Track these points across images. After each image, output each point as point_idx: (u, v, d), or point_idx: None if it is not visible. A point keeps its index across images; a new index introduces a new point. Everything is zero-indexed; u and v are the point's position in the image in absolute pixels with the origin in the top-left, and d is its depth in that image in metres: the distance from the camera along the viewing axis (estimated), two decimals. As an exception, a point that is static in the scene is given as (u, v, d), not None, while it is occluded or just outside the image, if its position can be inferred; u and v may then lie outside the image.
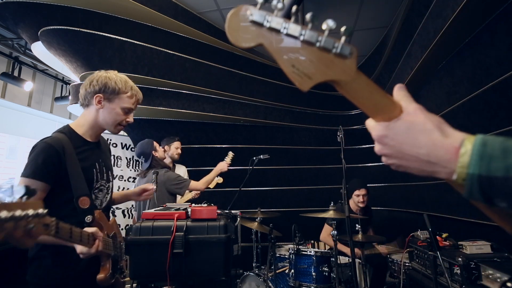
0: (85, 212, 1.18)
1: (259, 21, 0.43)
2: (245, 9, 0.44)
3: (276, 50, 0.44)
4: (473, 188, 0.41)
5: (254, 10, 0.43)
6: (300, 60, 0.44)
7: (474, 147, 0.41)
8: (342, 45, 0.44)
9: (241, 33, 0.44)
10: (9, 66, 5.93)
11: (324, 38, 0.43)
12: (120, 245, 1.36)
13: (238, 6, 0.44)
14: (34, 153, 1.15)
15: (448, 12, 1.88)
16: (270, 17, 0.43)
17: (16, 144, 7.78)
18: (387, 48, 3.32)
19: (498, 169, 0.38)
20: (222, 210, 1.60)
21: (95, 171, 1.29)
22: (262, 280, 2.43)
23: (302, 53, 0.44)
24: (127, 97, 1.31)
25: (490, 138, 0.41)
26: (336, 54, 0.44)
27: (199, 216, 1.34)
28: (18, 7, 3.04)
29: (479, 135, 0.42)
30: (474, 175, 0.40)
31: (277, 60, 0.45)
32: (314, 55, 0.44)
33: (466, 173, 0.41)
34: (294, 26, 0.43)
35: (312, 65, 0.44)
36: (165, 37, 3.36)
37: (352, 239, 2.02)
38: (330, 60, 0.44)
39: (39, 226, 0.74)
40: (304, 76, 0.44)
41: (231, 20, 0.44)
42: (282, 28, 0.43)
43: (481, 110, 2.09)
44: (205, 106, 3.68)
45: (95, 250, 1.10)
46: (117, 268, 1.30)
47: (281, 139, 4.20)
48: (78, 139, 1.27)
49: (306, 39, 0.43)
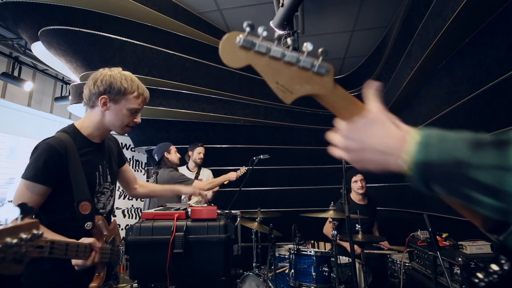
0: (85, 218, 1.13)
1: (247, 46, 0.51)
2: (235, 35, 0.51)
3: (262, 69, 0.51)
4: (415, 174, 0.45)
5: (242, 37, 0.50)
6: (283, 77, 0.51)
7: (417, 136, 0.45)
8: (319, 64, 0.51)
9: (232, 56, 0.51)
10: (9, 66, 5.93)
11: (303, 59, 0.51)
12: (118, 249, 1.32)
13: (230, 33, 0.51)
14: (36, 154, 1.11)
15: (448, 12, 1.88)
16: (257, 42, 0.50)
17: (16, 144, 7.79)
18: (387, 48, 3.31)
19: (434, 154, 0.43)
20: (222, 210, 1.60)
21: (98, 174, 1.25)
22: (262, 280, 2.43)
23: (285, 71, 0.51)
24: (134, 97, 1.23)
25: (433, 130, 0.46)
26: (314, 72, 0.51)
27: (199, 216, 1.34)
28: (18, 7, 3.04)
29: (424, 129, 0.46)
30: (416, 161, 0.44)
31: (263, 77, 0.52)
32: (295, 73, 0.51)
33: (410, 161, 0.45)
34: (277, 49, 0.51)
35: (294, 82, 0.52)
36: (165, 37, 3.36)
37: (352, 239, 2.02)
38: (309, 77, 0.52)
39: (32, 249, 0.68)
40: (287, 91, 0.52)
41: (223, 45, 0.51)
42: (267, 51, 0.51)
43: (481, 110, 2.09)
44: (205, 106, 3.68)
45: (91, 262, 1.06)
46: (111, 275, 1.26)
47: (281, 139, 4.20)
48: (83, 140, 1.22)
49: (288, 60, 0.51)
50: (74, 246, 0.98)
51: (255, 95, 3.91)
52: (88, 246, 1.06)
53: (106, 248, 1.19)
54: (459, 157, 0.42)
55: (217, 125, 3.96)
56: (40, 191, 1.09)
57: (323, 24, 3.51)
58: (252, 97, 3.89)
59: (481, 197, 0.40)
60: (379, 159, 0.50)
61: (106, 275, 1.20)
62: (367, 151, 0.50)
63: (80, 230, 1.11)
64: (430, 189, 0.46)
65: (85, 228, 1.12)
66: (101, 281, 1.15)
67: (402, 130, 0.48)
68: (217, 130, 4.01)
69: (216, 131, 4.01)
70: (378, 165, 0.51)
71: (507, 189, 0.38)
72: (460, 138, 0.43)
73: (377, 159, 0.50)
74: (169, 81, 3.40)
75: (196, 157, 3.23)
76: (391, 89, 3.20)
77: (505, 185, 0.38)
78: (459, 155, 0.42)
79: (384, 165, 0.50)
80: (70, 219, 1.13)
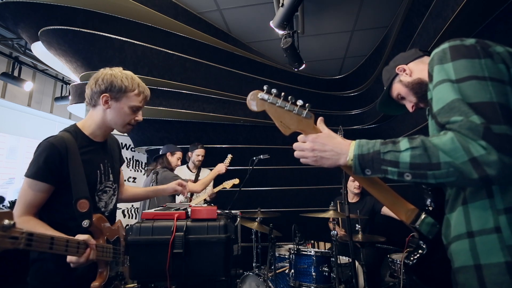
0: (83, 216, 1.13)
1: (264, 99, 0.92)
2: (257, 92, 0.92)
3: (273, 114, 0.92)
4: (355, 163, 0.79)
5: (262, 94, 0.92)
6: (284, 118, 0.91)
7: (356, 142, 0.81)
8: (306, 112, 0.89)
9: (254, 103, 0.93)
10: (9, 66, 5.94)
11: (297, 108, 0.90)
12: (122, 249, 1.32)
13: (255, 91, 0.93)
14: (37, 152, 1.13)
15: (448, 12, 1.88)
16: (270, 97, 0.91)
17: (16, 144, 7.79)
18: (387, 48, 3.32)
19: (364, 150, 0.78)
20: (222, 210, 1.60)
21: (99, 172, 1.26)
22: (262, 280, 2.43)
23: (285, 115, 0.91)
24: (135, 95, 1.26)
25: (363, 139, 0.81)
26: (303, 117, 0.89)
27: (199, 216, 1.34)
28: (18, 7, 3.04)
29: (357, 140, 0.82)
30: (355, 155, 0.79)
31: (272, 118, 0.92)
32: (292, 116, 0.90)
33: (352, 156, 0.79)
34: (282, 102, 0.90)
35: (291, 121, 0.90)
36: (165, 37, 3.36)
37: (352, 239, 2.03)
38: (300, 119, 0.90)
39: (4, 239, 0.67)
40: (286, 127, 0.91)
41: (250, 96, 0.93)
42: (276, 102, 0.91)
43: (481, 110, 2.09)
44: (205, 106, 3.68)
45: (85, 259, 1.04)
46: (117, 275, 1.27)
47: (281, 139, 4.20)
48: (84, 139, 1.23)
49: (288, 109, 0.90)
50: (61, 241, 0.96)
51: (255, 95, 3.91)
52: (82, 242, 1.04)
53: (106, 247, 1.19)
54: (376, 149, 0.76)
55: (217, 125, 3.96)
56: (42, 188, 1.10)
57: (323, 24, 3.51)
58: (252, 97, 3.88)
59: (389, 168, 0.74)
60: (334, 157, 0.83)
61: (111, 275, 1.20)
62: (326, 153, 0.84)
63: (79, 229, 1.11)
64: (364, 173, 0.79)
65: (82, 226, 1.13)
66: (103, 280, 1.15)
67: (347, 141, 0.83)
68: (217, 130, 4.01)
69: (216, 131, 4.01)
70: (331, 162, 0.84)
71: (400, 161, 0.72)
72: (376, 140, 0.78)
73: (332, 157, 0.83)
74: (169, 81, 3.40)
75: (195, 159, 3.27)
76: (391, 89, 3.19)
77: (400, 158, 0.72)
78: (376, 148, 0.76)
79: (335, 161, 0.83)
80: (70, 218, 1.13)
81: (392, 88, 1.11)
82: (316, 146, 0.85)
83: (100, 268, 1.17)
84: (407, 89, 1.04)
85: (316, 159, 0.85)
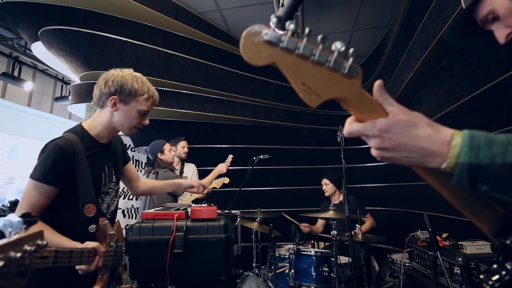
0: (90, 221, 1.13)
1: (273, 41, 0.46)
2: (260, 28, 0.46)
3: (288, 69, 0.47)
4: (463, 174, 0.47)
5: (269, 31, 0.46)
6: (310, 78, 0.47)
7: (463, 140, 0.47)
8: (350, 65, 0.47)
9: (255, 51, 0.46)
10: (9, 66, 5.93)
11: (333, 59, 0.47)
12: (121, 250, 1.33)
13: (252, 26, 0.46)
14: (44, 154, 1.11)
15: (448, 12, 1.88)
16: (284, 38, 0.46)
17: (16, 144, 7.78)
18: (387, 48, 3.32)
19: (485, 157, 0.45)
20: (222, 210, 1.60)
21: (104, 174, 1.25)
22: (262, 280, 2.43)
23: (313, 72, 0.47)
24: (144, 99, 1.24)
25: (476, 132, 0.47)
26: (343, 74, 0.47)
27: (199, 216, 1.34)
28: (18, 7, 3.04)
29: (466, 130, 0.48)
30: (464, 163, 0.46)
31: (288, 78, 0.48)
32: (324, 74, 0.47)
33: (455, 162, 0.47)
34: (306, 47, 0.46)
35: (321, 84, 0.48)
36: (165, 37, 3.36)
37: (352, 239, 2.03)
38: (338, 79, 0.48)
39: (36, 261, 0.65)
40: (313, 94, 0.48)
41: (246, 39, 0.46)
42: (296, 48, 0.46)
43: (481, 110, 2.09)
44: (205, 106, 3.68)
45: (95, 267, 1.06)
46: (114, 276, 1.27)
47: (281, 139, 4.20)
48: (90, 141, 1.22)
49: (317, 60, 0.46)
50: (78, 252, 0.97)
51: (255, 95, 3.91)
52: (92, 250, 1.05)
53: (109, 251, 1.19)
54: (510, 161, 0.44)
55: (217, 125, 3.96)
56: (48, 191, 1.09)
57: (323, 24, 3.51)
58: (252, 97, 3.89)
59: None
60: (417, 160, 0.51)
61: (109, 277, 1.20)
62: (404, 153, 0.51)
63: (84, 232, 1.11)
64: (475, 188, 0.48)
65: (89, 231, 1.12)
66: (104, 283, 1.15)
67: (443, 133, 0.49)
68: (217, 130, 4.01)
69: (216, 131, 4.01)
70: (412, 164, 0.52)
71: None
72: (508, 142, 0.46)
73: (414, 160, 0.51)
74: (169, 81, 3.40)
75: (181, 152, 3.12)
76: (391, 89, 3.20)
77: None
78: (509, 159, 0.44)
79: (421, 164, 0.51)
80: (75, 220, 1.13)
81: (481, 3, 0.71)
82: (385, 144, 0.51)
83: (101, 272, 1.17)
84: None
85: (387, 158, 0.53)
